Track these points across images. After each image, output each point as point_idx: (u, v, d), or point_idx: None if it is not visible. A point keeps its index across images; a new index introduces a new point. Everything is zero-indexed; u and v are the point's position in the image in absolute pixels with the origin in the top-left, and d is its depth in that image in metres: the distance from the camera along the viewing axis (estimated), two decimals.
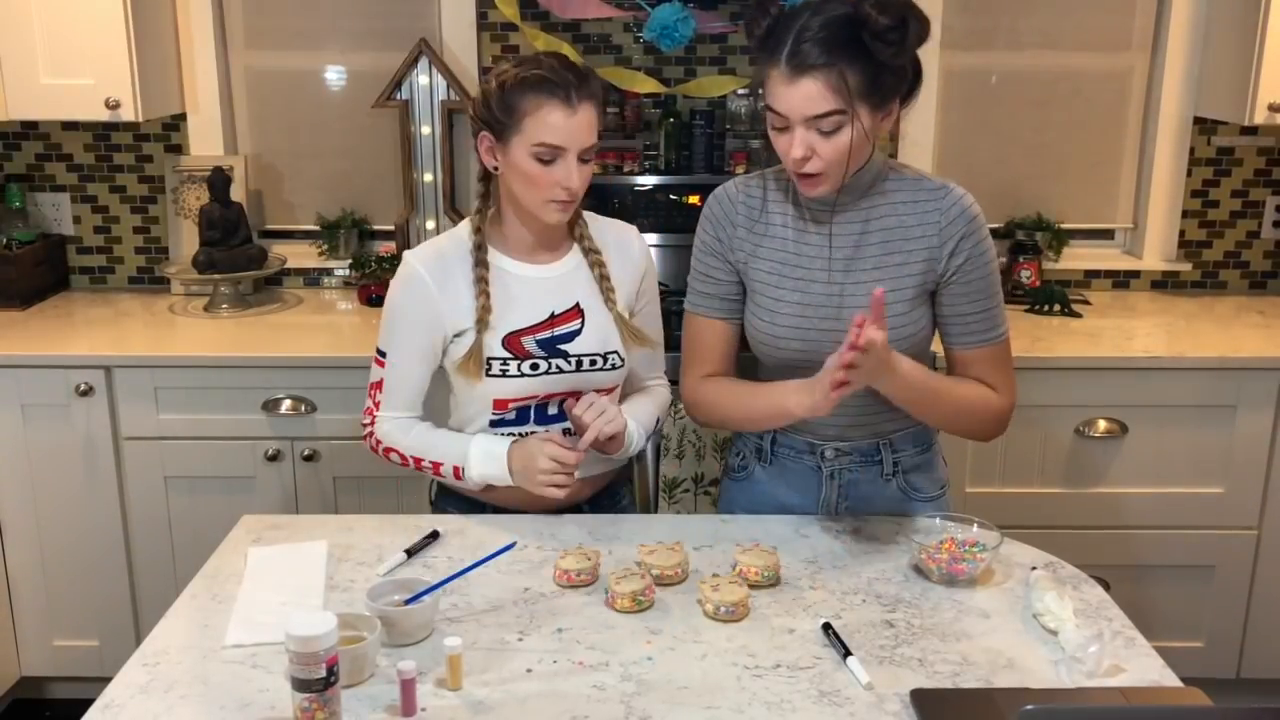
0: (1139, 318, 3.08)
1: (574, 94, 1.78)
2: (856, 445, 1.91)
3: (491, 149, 1.85)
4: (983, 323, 1.82)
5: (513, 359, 1.88)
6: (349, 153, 3.27)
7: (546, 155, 1.79)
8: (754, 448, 1.98)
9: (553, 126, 1.78)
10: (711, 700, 1.43)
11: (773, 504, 1.97)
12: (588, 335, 1.92)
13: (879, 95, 1.69)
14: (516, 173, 1.83)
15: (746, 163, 3.12)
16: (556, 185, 1.81)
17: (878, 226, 1.80)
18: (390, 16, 3.18)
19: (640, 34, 3.00)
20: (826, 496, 1.94)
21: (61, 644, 2.89)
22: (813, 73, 1.66)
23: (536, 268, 1.93)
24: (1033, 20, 3.19)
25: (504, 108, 1.80)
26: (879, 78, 1.67)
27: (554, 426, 1.94)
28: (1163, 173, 3.23)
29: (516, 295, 1.90)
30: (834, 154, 1.69)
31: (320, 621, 1.34)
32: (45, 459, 2.76)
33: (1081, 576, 1.75)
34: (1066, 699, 1.43)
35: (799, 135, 1.70)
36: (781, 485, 1.96)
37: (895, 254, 1.80)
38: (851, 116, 1.67)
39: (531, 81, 1.78)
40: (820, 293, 1.82)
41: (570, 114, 1.78)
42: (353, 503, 2.79)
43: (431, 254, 1.92)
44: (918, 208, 1.79)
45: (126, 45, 2.80)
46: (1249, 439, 2.76)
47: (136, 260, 3.30)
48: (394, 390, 1.93)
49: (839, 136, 1.68)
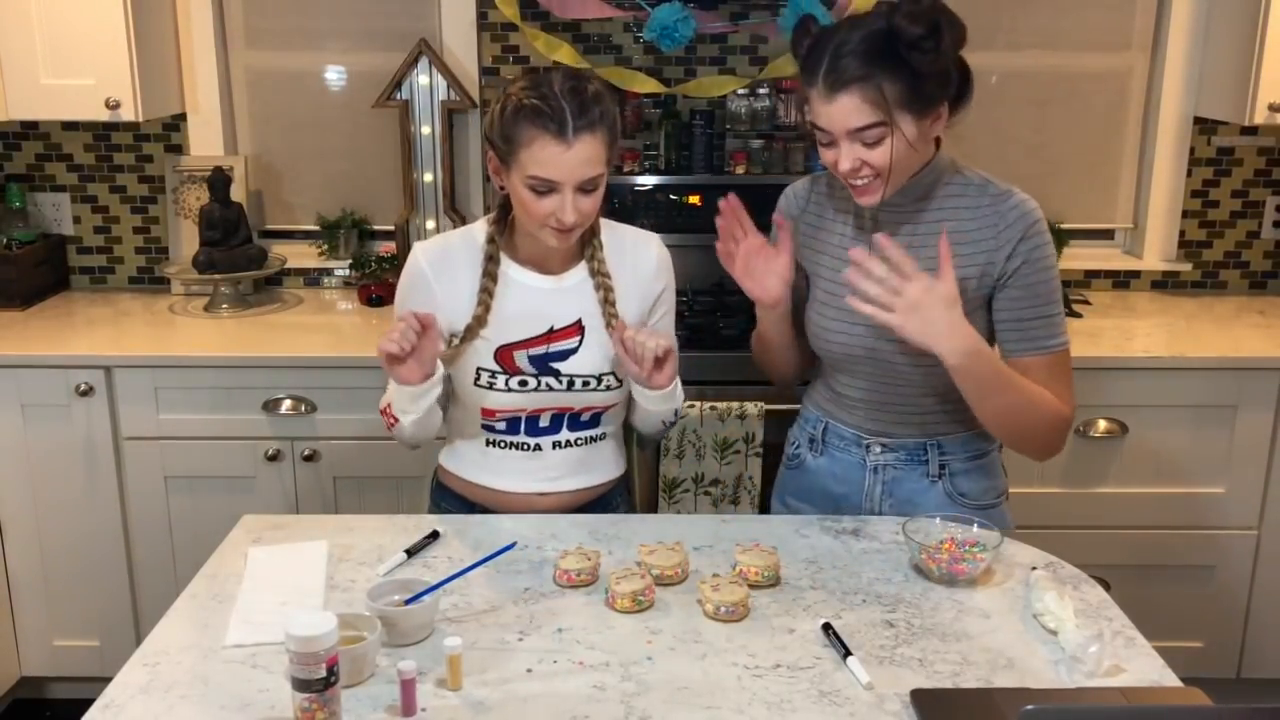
0: (1139, 318, 3.08)
1: (570, 128, 1.72)
2: (903, 443, 1.91)
3: (498, 170, 1.84)
4: (1042, 329, 1.80)
5: (501, 373, 1.88)
6: (349, 153, 3.28)
7: (540, 187, 1.76)
8: (807, 437, 2.02)
9: (545, 161, 1.73)
10: (711, 700, 1.43)
11: (820, 493, 2.00)
12: (584, 355, 1.90)
13: (921, 102, 1.70)
14: (515, 196, 1.81)
15: (746, 162, 3.12)
16: (552, 215, 1.77)
17: (936, 230, 1.79)
18: (390, 16, 3.18)
19: (640, 34, 3.00)
20: (870, 490, 1.95)
21: (61, 644, 2.89)
22: (850, 88, 1.68)
23: (542, 278, 1.91)
24: (1033, 20, 3.19)
25: (503, 135, 1.77)
26: (919, 86, 1.69)
27: (544, 439, 1.94)
28: (1163, 173, 3.23)
29: (519, 304, 1.89)
30: (881, 163, 1.72)
31: (320, 621, 1.34)
32: (45, 459, 2.76)
33: (1081, 576, 1.75)
34: (1066, 699, 1.43)
35: (845, 149, 1.72)
36: (830, 475, 1.98)
37: (961, 257, 1.78)
38: (892, 127, 1.69)
39: (527, 111, 1.73)
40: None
41: (564, 149, 1.72)
42: (353, 503, 2.79)
43: (438, 248, 1.92)
44: (978, 212, 1.80)
45: (126, 45, 2.80)
46: (1249, 439, 2.76)
47: (136, 260, 3.30)
48: None
49: (884, 146, 1.71)
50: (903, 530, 1.76)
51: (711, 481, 2.55)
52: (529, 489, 1.96)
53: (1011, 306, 1.80)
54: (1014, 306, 1.80)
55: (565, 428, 1.94)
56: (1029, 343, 1.80)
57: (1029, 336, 1.80)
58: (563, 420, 1.93)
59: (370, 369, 2.70)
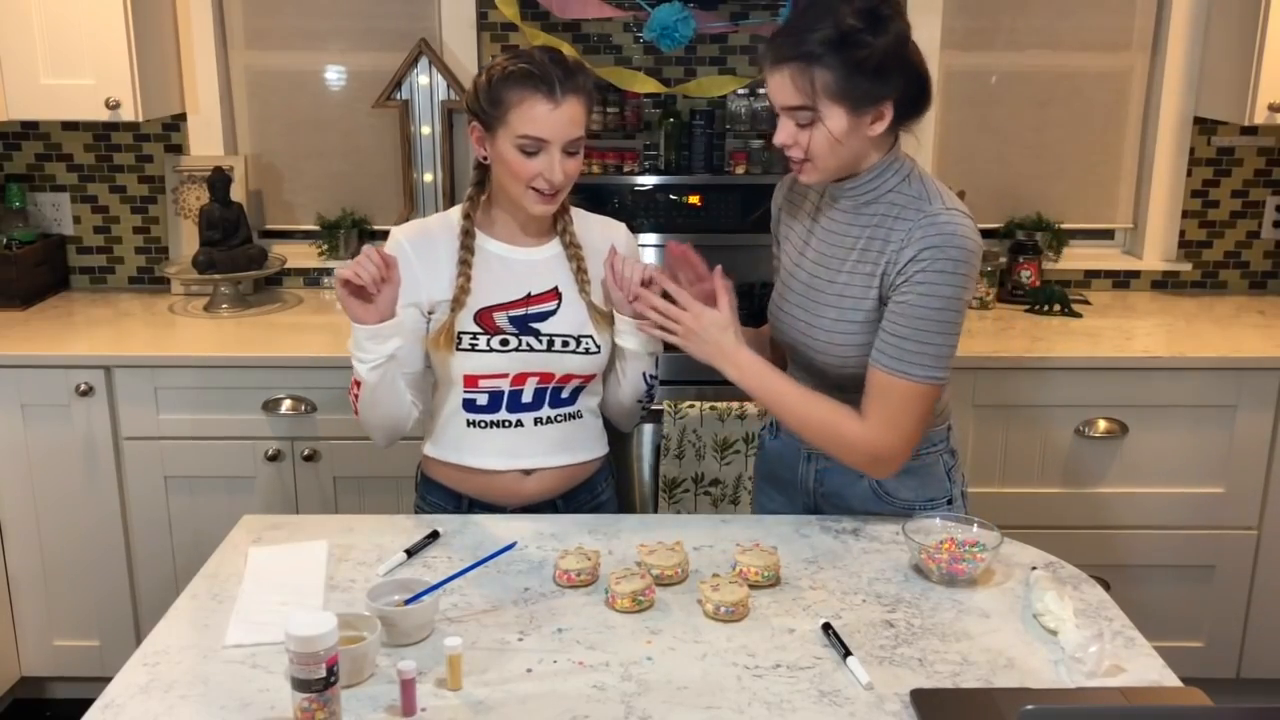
0: (1139, 318, 3.08)
1: (558, 88, 1.81)
2: None
3: (481, 139, 1.89)
4: (890, 347, 1.73)
5: (483, 333, 1.91)
6: (349, 153, 3.28)
7: (530, 147, 1.82)
8: (770, 419, 2.08)
9: (535, 119, 1.81)
10: (711, 700, 1.43)
11: (772, 476, 2.06)
12: (562, 316, 1.95)
13: (855, 97, 1.69)
14: (501, 163, 1.86)
15: (746, 163, 3.12)
16: (539, 176, 1.84)
17: (866, 234, 1.80)
18: (390, 16, 3.18)
19: (640, 34, 3.01)
20: (804, 478, 1.98)
21: (61, 644, 2.89)
22: (783, 65, 1.71)
23: (520, 249, 1.96)
24: (1033, 20, 3.19)
25: (490, 100, 1.84)
26: (852, 79, 1.67)
27: (525, 415, 1.95)
28: (1163, 173, 3.23)
29: (497, 274, 1.94)
30: (815, 147, 1.73)
31: (320, 621, 1.34)
32: (45, 459, 2.76)
33: (1081, 576, 1.75)
34: (1066, 699, 1.43)
35: (781, 122, 1.76)
36: (779, 459, 2.04)
37: (867, 264, 1.78)
38: (816, 113, 1.70)
39: (517, 75, 1.82)
40: (803, 283, 1.88)
41: (554, 107, 1.81)
42: (353, 503, 2.79)
43: (416, 228, 1.98)
44: (902, 223, 1.75)
45: (126, 45, 2.80)
46: (1249, 439, 2.76)
47: (136, 260, 3.30)
48: None
49: (814, 131, 1.72)
50: (903, 530, 1.76)
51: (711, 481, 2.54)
52: (513, 466, 1.97)
53: (887, 315, 1.75)
54: (888, 315, 1.75)
55: (546, 404, 1.96)
56: (879, 354, 1.75)
57: (881, 349, 1.75)
58: (544, 396, 1.95)
59: None
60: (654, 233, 3.10)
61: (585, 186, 3.09)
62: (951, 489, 1.95)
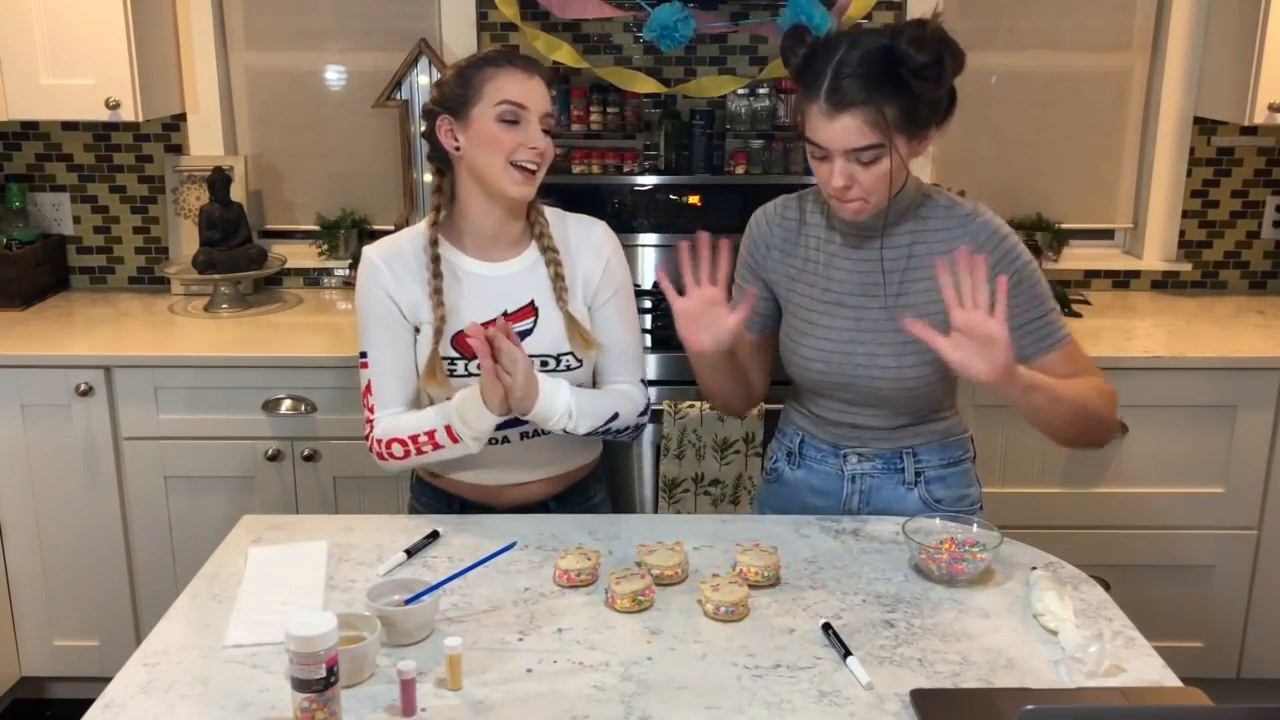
0: (1139, 318, 3.08)
1: (527, 66, 1.87)
2: (879, 452, 1.92)
3: (451, 129, 1.87)
4: (1047, 327, 1.81)
5: (460, 359, 1.89)
6: (349, 153, 3.28)
7: (510, 115, 1.83)
8: (785, 451, 2.02)
9: (512, 85, 1.84)
10: (711, 700, 1.43)
11: (799, 505, 1.99)
12: (540, 334, 1.91)
13: (915, 125, 1.72)
14: (479, 142, 1.84)
15: (746, 163, 3.12)
16: (522, 146, 1.83)
17: (906, 254, 1.81)
18: (390, 16, 3.18)
19: (640, 34, 3.01)
20: (848, 499, 1.95)
21: (61, 644, 2.89)
22: (852, 109, 1.68)
23: (492, 265, 1.93)
24: (1033, 20, 3.19)
25: (462, 82, 1.86)
26: (915, 110, 1.70)
27: (511, 431, 1.92)
28: (1163, 173, 3.23)
29: (469, 293, 1.91)
30: (873, 182, 1.73)
31: (320, 621, 1.34)
32: (45, 459, 2.76)
33: (1081, 576, 1.75)
34: (1066, 699, 1.43)
35: (839, 166, 1.72)
36: (807, 488, 1.99)
37: (923, 280, 1.80)
38: (890, 148, 1.70)
39: (482, 58, 1.88)
40: (850, 316, 1.85)
41: (528, 77, 1.85)
42: (353, 503, 2.79)
43: (388, 247, 1.95)
44: (948, 234, 1.80)
45: (126, 45, 2.80)
46: (1249, 439, 2.76)
47: (136, 260, 3.30)
48: (384, 387, 1.92)
49: (878, 166, 1.71)
50: (903, 530, 1.76)
51: (711, 481, 2.54)
52: (504, 481, 1.98)
53: (1013, 316, 1.77)
54: (1015, 315, 1.77)
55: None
56: (1042, 343, 1.81)
57: (1039, 337, 1.81)
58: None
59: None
60: (654, 233, 3.10)
61: (585, 186, 3.09)
62: (979, 492, 2.00)
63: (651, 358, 2.73)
